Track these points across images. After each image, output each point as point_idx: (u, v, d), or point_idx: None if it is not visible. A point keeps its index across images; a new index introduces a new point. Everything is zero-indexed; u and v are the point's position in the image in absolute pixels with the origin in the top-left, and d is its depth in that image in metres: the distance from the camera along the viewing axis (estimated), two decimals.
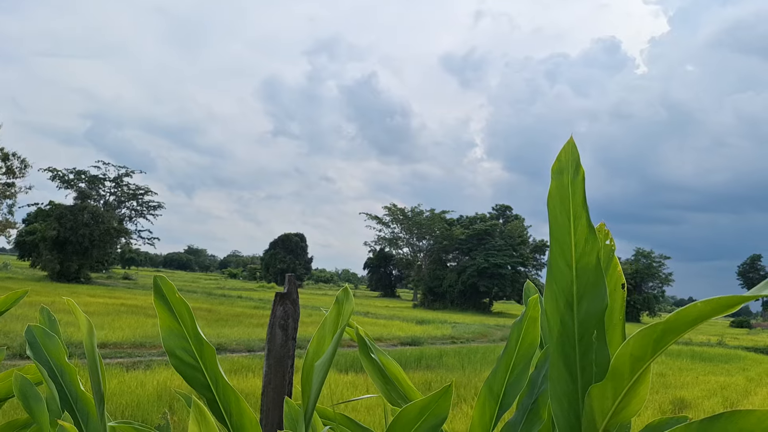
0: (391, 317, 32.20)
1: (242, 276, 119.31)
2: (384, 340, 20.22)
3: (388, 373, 1.94)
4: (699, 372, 17.62)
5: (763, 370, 20.30)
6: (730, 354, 25.34)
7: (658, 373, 16.24)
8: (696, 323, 1.06)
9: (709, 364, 20.55)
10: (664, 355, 21.47)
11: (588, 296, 1.31)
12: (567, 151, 1.35)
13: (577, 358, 1.31)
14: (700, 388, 14.30)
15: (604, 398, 1.19)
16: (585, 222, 1.32)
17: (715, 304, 1.01)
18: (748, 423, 1.00)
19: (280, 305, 3.61)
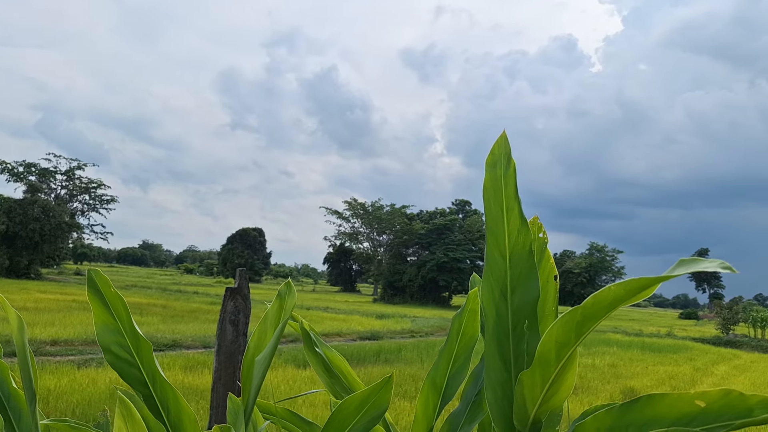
0: (351, 312, 32.20)
1: (199, 271, 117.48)
2: (343, 335, 20.23)
3: (333, 367, 1.93)
4: (649, 362, 18.17)
5: (709, 360, 21.07)
6: (679, 345, 26.21)
7: (610, 364, 16.69)
8: (613, 307, 1.08)
9: (659, 354, 21.20)
10: (617, 347, 22.05)
11: (521, 286, 1.34)
12: (500, 145, 1.37)
13: (511, 347, 1.33)
14: (650, 377, 14.75)
15: (534, 385, 1.21)
16: (517, 213, 1.34)
17: (629, 287, 1.04)
18: (662, 406, 1.03)
19: (230, 300, 3.57)
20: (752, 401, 0.92)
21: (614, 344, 23.05)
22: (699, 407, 0.97)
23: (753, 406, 0.92)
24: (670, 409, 1.01)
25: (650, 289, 1.02)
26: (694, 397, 0.97)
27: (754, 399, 0.92)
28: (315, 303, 38.37)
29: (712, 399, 0.96)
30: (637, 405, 1.08)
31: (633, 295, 1.05)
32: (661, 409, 1.02)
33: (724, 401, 0.95)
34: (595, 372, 15.01)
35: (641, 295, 1.04)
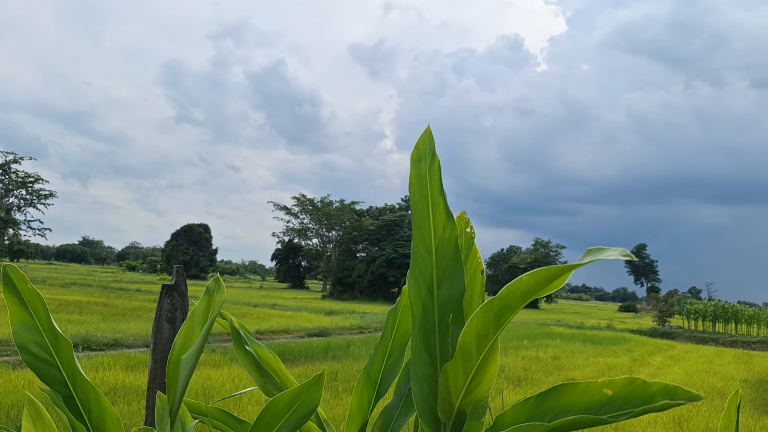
0: (299, 309, 31.98)
1: (142, 269, 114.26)
2: (291, 332, 20.07)
3: (265, 365, 1.91)
4: (589, 354, 18.69)
5: (646, 351, 21.88)
6: (618, 336, 27.11)
7: (553, 356, 17.11)
8: (528, 297, 1.11)
9: (599, 346, 21.85)
10: (560, 339, 22.64)
11: (447, 281, 1.35)
12: (424, 140, 1.38)
13: (437, 341, 1.35)
14: (590, 369, 15.19)
15: (457, 377, 1.23)
16: (443, 208, 1.35)
17: (539, 278, 1.07)
18: (573, 395, 1.06)
19: (167, 298, 3.48)
20: (654, 388, 0.96)
21: (557, 337, 23.66)
22: (607, 395, 1.00)
23: (654, 393, 0.96)
24: (581, 398, 1.04)
25: (561, 279, 1.05)
26: (602, 386, 1.01)
27: (656, 386, 0.96)
28: (262, 300, 37.92)
29: (618, 387, 1.00)
30: (552, 395, 1.11)
31: (544, 286, 1.07)
32: (573, 398, 1.05)
33: (628, 389, 0.99)
34: (539, 364, 15.36)
35: (552, 285, 1.06)
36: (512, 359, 15.69)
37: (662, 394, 0.95)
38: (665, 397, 0.94)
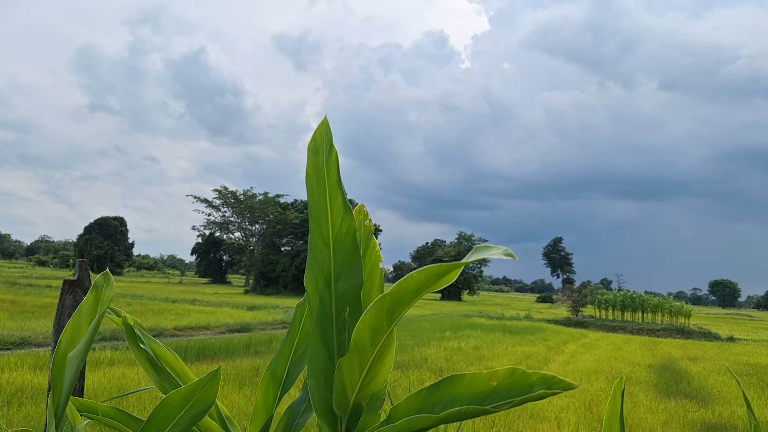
0: (221, 304, 31.24)
1: (53, 263, 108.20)
2: (211, 328, 19.58)
3: (162, 363, 1.83)
4: (508, 344, 19.29)
5: (561, 340, 22.83)
6: (535, 326, 28.15)
7: (474, 347, 17.55)
8: (419, 293, 1.12)
9: (517, 336, 22.59)
10: (480, 330, 23.26)
11: (345, 275, 1.34)
12: (321, 131, 1.36)
13: (335, 335, 1.33)
14: (509, 358, 15.67)
15: (352, 371, 1.22)
16: (341, 201, 1.34)
17: (428, 274, 1.08)
18: (461, 386, 1.09)
19: (69, 294, 3.30)
20: (533, 378, 0.99)
21: (478, 328, 24.30)
22: (491, 386, 1.03)
23: (534, 383, 0.99)
24: (468, 389, 1.06)
25: (449, 276, 1.06)
26: (487, 377, 1.03)
27: (535, 376, 0.99)
28: (181, 296, 36.77)
29: (501, 378, 1.03)
30: (442, 386, 1.13)
31: (434, 282, 1.08)
32: (461, 389, 1.07)
33: (510, 379, 1.02)
34: (461, 355, 15.70)
35: (442, 281, 1.07)
36: (435, 350, 15.97)
37: (540, 383, 0.98)
38: (543, 386, 0.97)
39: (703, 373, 15.63)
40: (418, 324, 24.88)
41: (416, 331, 21.14)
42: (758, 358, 20.56)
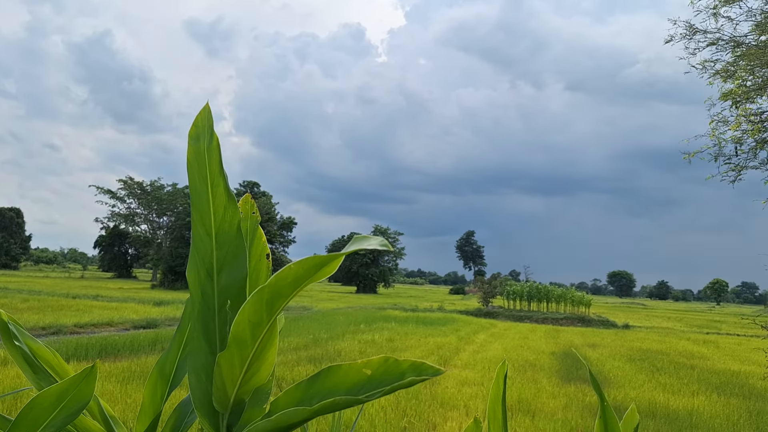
0: (126, 299, 29.89)
1: None
2: (115, 325, 18.71)
3: (39, 361, 1.72)
4: (421, 335, 19.61)
5: (471, 330, 23.50)
6: (447, 317, 28.82)
7: (388, 339, 17.73)
8: (298, 284, 1.11)
9: (430, 327, 23.02)
10: (395, 322, 23.53)
11: (228, 266, 1.30)
12: (203, 117, 1.31)
13: (217, 329, 1.29)
14: (422, 349, 15.95)
15: (232, 366, 1.19)
16: (223, 190, 1.30)
17: (306, 265, 1.07)
18: (338, 377, 1.09)
19: None
20: (404, 366, 1.01)
21: (393, 320, 24.56)
22: (366, 375, 1.03)
23: (405, 371, 1.01)
24: (345, 379, 1.06)
25: (330, 267, 1.06)
26: (362, 366, 1.03)
27: (406, 364, 1.00)
28: (84, 291, 34.89)
29: (375, 367, 1.03)
30: (320, 378, 1.12)
31: (313, 273, 1.07)
32: (338, 379, 1.07)
33: (384, 368, 1.03)
34: (374, 347, 15.81)
35: (322, 272, 1.06)
36: (349, 343, 16.01)
37: (411, 370, 1.00)
38: (414, 373, 0.99)
39: (600, 358, 16.58)
40: (333, 317, 24.86)
41: (331, 325, 21.12)
42: (650, 344, 22.05)
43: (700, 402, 10.79)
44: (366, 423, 8.02)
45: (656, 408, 10.08)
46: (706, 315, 61.97)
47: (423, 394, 10.07)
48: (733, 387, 12.81)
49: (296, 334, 17.58)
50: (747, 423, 9.38)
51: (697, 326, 38.28)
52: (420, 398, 9.72)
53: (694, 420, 9.33)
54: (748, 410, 10.32)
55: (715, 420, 9.44)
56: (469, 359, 14.45)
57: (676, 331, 32.13)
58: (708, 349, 21.71)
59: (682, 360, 17.59)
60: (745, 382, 13.41)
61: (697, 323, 41.92)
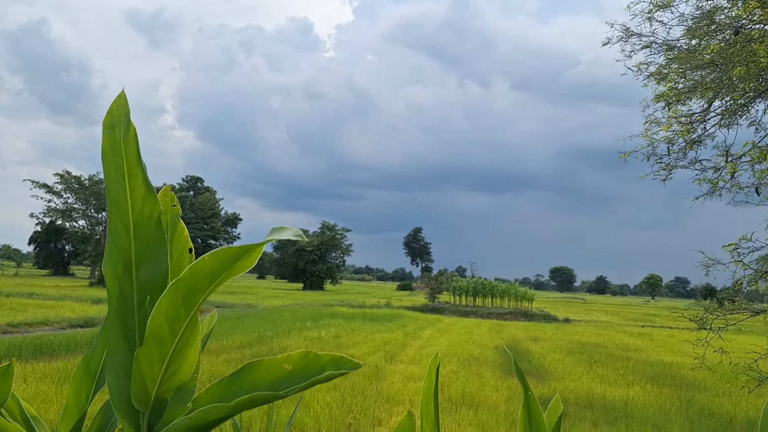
0: (62, 298, 28.77)
1: None
2: (51, 323, 17.98)
3: None
4: (368, 331, 19.62)
5: (418, 326, 23.68)
6: (394, 313, 28.95)
7: (335, 335, 17.66)
8: (215, 277, 1.08)
9: (377, 323, 23.06)
10: (342, 319, 23.48)
11: (147, 260, 1.26)
12: (118, 105, 1.26)
13: (137, 326, 1.25)
14: (368, 345, 15.95)
15: (152, 363, 1.15)
16: (141, 181, 1.25)
17: (221, 257, 1.04)
18: (259, 373, 1.07)
19: None
20: (324, 360, 1.00)
21: (340, 317, 24.49)
22: (287, 370, 1.02)
23: (325, 365, 1.00)
24: (266, 375, 1.05)
25: (247, 259, 1.03)
26: (282, 362, 1.02)
27: (326, 358, 0.99)
28: (17, 289, 33.40)
29: (295, 361, 1.02)
30: (241, 374, 1.10)
31: (230, 265, 1.04)
32: (259, 375, 1.05)
33: (304, 362, 1.01)
34: (321, 343, 15.74)
35: (241, 265, 1.04)
36: (295, 341, 15.88)
37: (331, 364, 0.99)
38: (333, 367, 0.98)
39: (542, 352, 17.00)
40: (278, 314, 24.61)
41: (276, 322, 20.89)
42: (589, 337, 22.76)
43: (634, 392, 11.20)
44: (311, 420, 7.98)
45: (594, 399, 10.41)
46: (642, 309, 64.48)
47: (369, 390, 10.09)
48: (666, 377, 13.36)
49: (241, 331, 17.32)
50: (678, 412, 9.80)
51: (633, 320, 39.78)
52: (366, 394, 9.73)
53: (629, 410, 9.68)
54: (679, 399, 10.79)
55: (648, 409, 9.82)
56: (415, 355, 14.56)
57: (614, 325, 33.30)
58: (643, 342, 22.58)
59: (619, 352, 18.24)
60: (676, 373, 14.01)
61: (633, 317, 43.56)
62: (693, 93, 4.99)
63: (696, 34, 5.08)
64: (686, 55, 4.99)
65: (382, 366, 12.33)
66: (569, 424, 8.47)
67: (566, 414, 9.20)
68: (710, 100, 5.04)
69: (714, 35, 4.98)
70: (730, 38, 4.60)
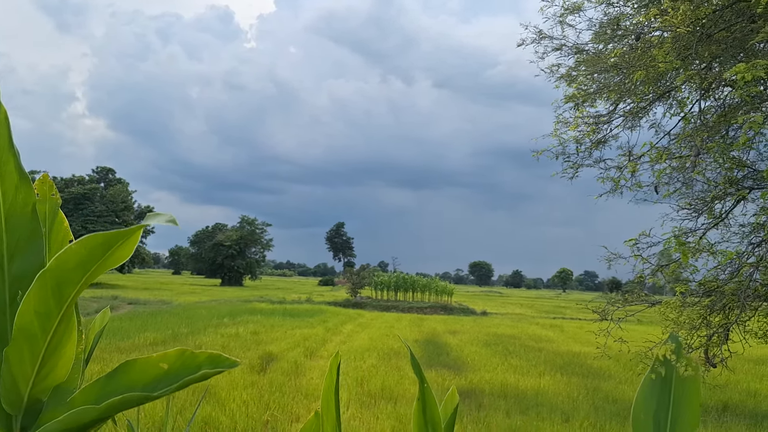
0: None
1: None
2: None
3: None
4: (288, 327, 19.40)
5: (339, 321, 23.67)
6: (315, 309, 28.78)
7: (253, 332, 17.35)
8: (87, 268, 1.02)
9: (297, 319, 22.83)
10: (261, 315, 23.09)
11: (21, 253, 1.17)
12: None
13: (8, 324, 1.16)
14: (287, 341, 15.78)
15: (22, 362, 1.07)
16: (13, 168, 1.16)
17: (90, 245, 0.99)
18: (135, 372, 1.02)
19: None
20: (201, 358, 0.96)
21: (259, 313, 24.07)
22: (163, 369, 0.98)
23: (201, 363, 0.96)
24: (142, 375, 1.00)
25: (121, 248, 0.98)
26: (158, 360, 0.98)
27: (202, 356, 0.96)
28: None
29: (172, 360, 0.98)
30: (117, 374, 1.04)
31: (101, 254, 0.99)
32: (135, 375, 1.00)
33: (180, 361, 0.98)
34: (238, 341, 15.43)
35: (116, 255, 0.98)
36: (211, 338, 15.49)
37: (208, 363, 0.96)
38: (210, 365, 0.95)
39: (460, 344, 17.42)
40: (194, 311, 23.93)
41: (192, 319, 20.30)
42: (504, 329, 23.54)
43: (545, 382, 11.68)
44: (227, 418, 7.81)
45: (507, 389, 10.77)
46: (554, 301, 67.37)
47: (287, 386, 9.99)
48: (574, 367, 14.02)
49: (153, 328, 16.72)
50: (585, 399, 10.30)
51: (546, 312, 41.49)
52: (284, 391, 9.63)
53: (539, 399, 10.08)
54: (586, 387, 11.35)
55: (558, 398, 10.27)
56: (335, 350, 14.53)
57: (527, 317, 34.62)
58: (554, 333, 23.60)
59: (532, 343, 18.97)
60: (584, 362, 14.72)
61: (545, 309, 45.43)
62: (599, 95, 5.24)
63: (603, 38, 5.34)
64: (593, 58, 5.23)
65: (302, 362, 12.24)
66: (483, 414, 8.72)
67: (481, 404, 9.46)
68: (615, 102, 5.31)
69: (619, 41, 5.24)
70: (633, 43, 4.86)
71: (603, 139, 5.25)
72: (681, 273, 4.91)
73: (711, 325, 4.62)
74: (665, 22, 4.14)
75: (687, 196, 5.00)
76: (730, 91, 4.66)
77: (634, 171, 5.02)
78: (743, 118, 3.90)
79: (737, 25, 4.13)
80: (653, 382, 0.96)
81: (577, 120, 5.17)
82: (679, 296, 4.77)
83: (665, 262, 5.07)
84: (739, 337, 4.52)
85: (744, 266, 4.60)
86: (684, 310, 4.67)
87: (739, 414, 9.82)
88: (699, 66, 4.49)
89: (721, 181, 4.87)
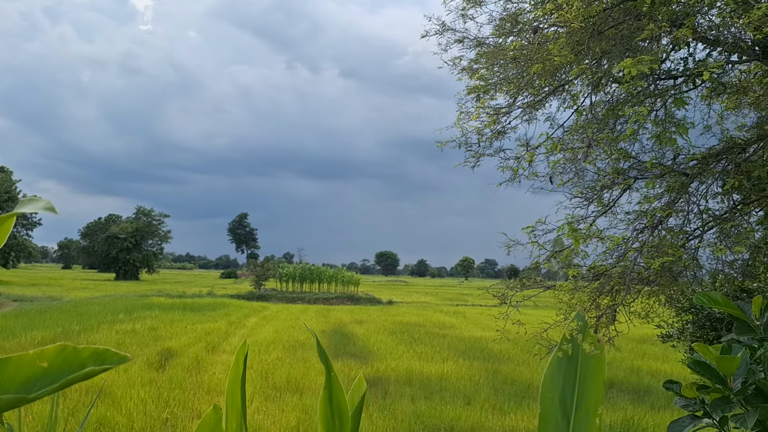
0: None
1: None
2: None
3: None
4: (188, 322, 18.78)
5: (243, 314, 23.19)
6: (217, 302, 28.01)
7: (151, 328, 16.65)
8: None
9: (198, 313, 22.14)
10: (159, 310, 22.12)
11: None
12: None
13: None
14: (188, 336, 15.27)
15: None
16: None
17: None
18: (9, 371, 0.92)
19: None
20: (85, 354, 0.89)
21: (156, 308, 23.07)
22: (42, 368, 0.89)
23: (86, 360, 0.89)
24: (17, 374, 0.91)
25: None
26: (36, 358, 0.89)
27: (87, 352, 0.89)
28: None
29: (51, 357, 0.90)
30: None
31: None
32: (8, 374, 0.91)
33: (62, 358, 0.90)
34: (135, 337, 14.77)
35: None
36: (105, 335, 14.72)
37: (93, 359, 0.88)
38: (96, 362, 0.88)
39: (366, 333, 17.58)
40: (87, 307, 22.61)
41: (84, 315, 19.18)
42: (410, 318, 24.00)
43: (449, 367, 12.03)
44: (123, 418, 7.47)
45: (413, 375, 11.00)
46: (457, 289, 69.57)
47: (188, 382, 9.68)
48: (476, 351, 14.54)
49: (42, 326, 15.67)
50: (486, 382, 10.71)
51: (449, 299, 42.77)
52: (185, 387, 9.33)
53: (443, 384, 10.37)
54: (487, 371, 11.81)
55: (461, 382, 10.61)
56: (238, 344, 14.20)
57: (432, 305, 35.52)
58: (457, 320, 24.36)
59: (436, 330, 19.49)
60: (485, 347, 15.30)
61: (449, 297, 46.82)
62: (499, 88, 5.43)
63: (503, 32, 5.52)
64: (494, 51, 5.40)
65: (204, 357, 11.90)
66: (389, 401, 8.85)
67: (387, 391, 9.59)
68: (514, 95, 5.51)
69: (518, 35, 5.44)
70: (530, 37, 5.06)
71: (503, 130, 5.44)
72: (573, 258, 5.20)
73: (600, 306, 4.92)
74: (560, 17, 4.34)
75: (579, 185, 5.28)
76: (617, 86, 4.95)
77: (531, 161, 5.25)
78: (630, 110, 4.16)
79: (625, 23, 4.41)
80: (560, 360, 0.99)
81: (478, 110, 5.32)
82: (572, 280, 5.05)
83: (559, 248, 5.34)
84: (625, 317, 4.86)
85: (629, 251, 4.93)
86: (575, 294, 4.95)
87: (624, 390, 10.58)
88: (591, 62, 4.75)
89: (609, 171, 5.19)
